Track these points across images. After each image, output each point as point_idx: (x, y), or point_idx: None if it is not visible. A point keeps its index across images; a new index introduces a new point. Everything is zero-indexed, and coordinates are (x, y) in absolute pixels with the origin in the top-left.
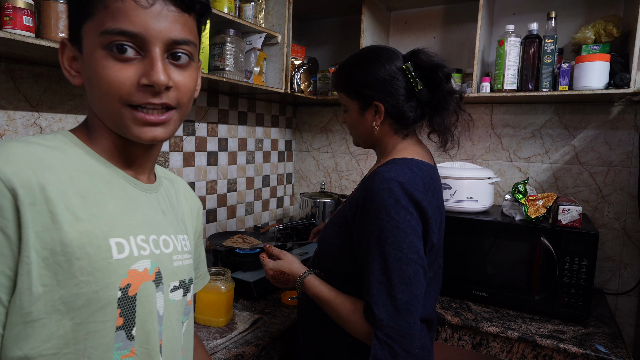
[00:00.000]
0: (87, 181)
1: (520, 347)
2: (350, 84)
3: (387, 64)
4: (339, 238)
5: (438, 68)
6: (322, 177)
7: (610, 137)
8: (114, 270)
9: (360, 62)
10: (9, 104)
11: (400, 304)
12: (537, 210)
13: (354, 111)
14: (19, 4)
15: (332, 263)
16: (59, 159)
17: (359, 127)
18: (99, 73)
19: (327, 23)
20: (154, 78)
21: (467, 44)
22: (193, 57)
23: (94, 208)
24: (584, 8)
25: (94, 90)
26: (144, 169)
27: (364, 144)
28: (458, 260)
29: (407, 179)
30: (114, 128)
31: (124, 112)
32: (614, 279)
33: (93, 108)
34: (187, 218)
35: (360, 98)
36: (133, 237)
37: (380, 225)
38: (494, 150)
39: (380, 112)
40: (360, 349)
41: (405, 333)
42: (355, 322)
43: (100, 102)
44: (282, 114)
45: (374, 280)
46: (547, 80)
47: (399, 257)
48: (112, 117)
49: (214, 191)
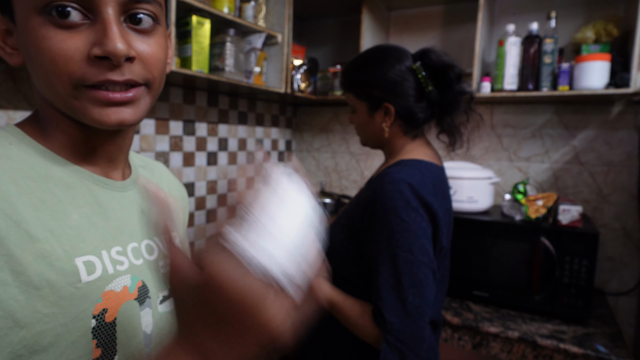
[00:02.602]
0: (41, 189)
1: (520, 347)
2: (359, 85)
3: (396, 64)
4: (345, 239)
5: (449, 68)
6: (322, 177)
7: (610, 137)
8: (84, 297)
9: (368, 62)
10: (9, 104)
11: (411, 307)
12: (537, 210)
13: (362, 112)
14: None
15: (338, 265)
16: (1, 165)
17: (367, 129)
18: (37, 46)
19: (327, 23)
20: (108, 47)
21: (467, 44)
22: (159, 19)
23: (52, 222)
24: (584, 8)
25: (36, 69)
26: (114, 163)
27: (372, 145)
28: (458, 260)
29: (416, 181)
30: (70, 114)
31: (79, 93)
32: (614, 279)
33: (41, 92)
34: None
35: (369, 99)
36: (106, 251)
37: (390, 227)
38: (494, 150)
39: (390, 113)
40: (367, 350)
41: (416, 337)
42: (364, 326)
43: (46, 83)
44: (282, 114)
45: (383, 283)
46: (547, 80)
47: (410, 260)
48: (65, 101)
49: (214, 191)
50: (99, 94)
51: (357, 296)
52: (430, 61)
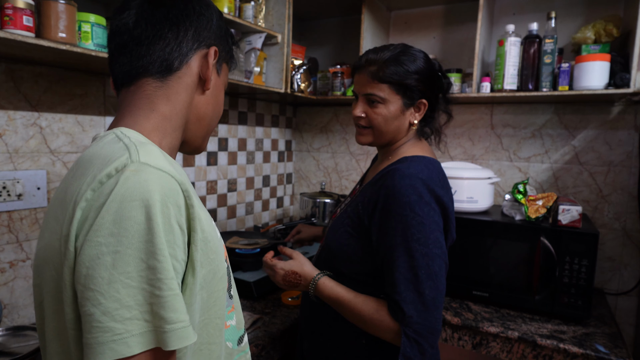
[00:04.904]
0: None
1: (520, 347)
2: (402, 77)
3: (431, 64)
4: (352, 239)
5: (445, 77)
6: (322, 177)
7: (610, 137)
8: (221, 247)
9: (411, 57)
10: (9, 104)
11: (428, 299)
12: (537, 210)
13: (394, 106)
14: (19, 4)
15: (345, 264)
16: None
17: (392, 123)
18: (220, 101)
19: (327, 23)
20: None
21: (467, 44)
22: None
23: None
24: (584, 8)
25: (212, 113)
26: None
27: (383, 140)
28: (458, 260)
29: (426, 176)
30: (196, 144)
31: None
32: (614, 279)
33: (202, 117)
34: None
35: (408, 93)
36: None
37: (405, 221)
38: (494, 150)
39: (422, 110)
40: (375, 350)
41: (433, 329)
42: (380, 321)
43: (212, 119)
44: (282, 114)
45: (400, 277)
46: (547, 80)
47: (425, 253)
48: (203, 139)
49: (214, 191)
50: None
51: (367, 294)
52: (439, 68)
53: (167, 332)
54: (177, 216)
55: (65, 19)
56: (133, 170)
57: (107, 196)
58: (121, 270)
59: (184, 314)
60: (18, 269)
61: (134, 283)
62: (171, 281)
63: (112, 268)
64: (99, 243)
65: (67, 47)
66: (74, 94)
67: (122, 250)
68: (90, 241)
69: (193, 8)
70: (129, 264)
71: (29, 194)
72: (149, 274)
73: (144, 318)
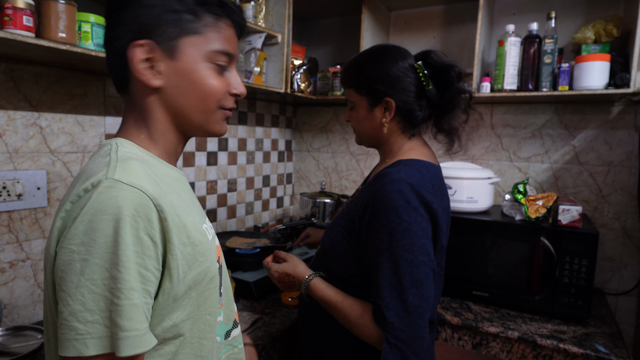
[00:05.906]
0: (168, 183)
1: (520, 347)
2: (361, 79)
3: (399, 60)
4: (344, 240)
5: (450, 68)
6: (322, 177)
7: (610, 137)
8: (212, 249)
9: (371, 58)
10: (9, 104)
11: (411, 307)
12: (537, 210)
13: (362, 107)
14: (19, 4)
15: (337, 265)
16: (155, 170)
17: (365, 125)
18: (198, 80)
19: (327, 23)
20: (240, 90)
21: (467, 44)
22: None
23: (184, 205)
24: (584, 8)
25: (190, 95)
26: (177, 160)
27: (368, 143)
28: (458, 260)
29: (416, 181)
30: (203, 124)
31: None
32: (614, 279)
33: (181, 110)
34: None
35: (371, 94)
36: (205, 223)
37: (391, 227)
38: (494, 150)
39: (390, 108)
40: (362, 350)
41: (416, 336)
42: (364, 326)
43: (197, 104)
44: (282, 114)
45: (384, 283)
46: (547, 80)
47: (410, 260)
48: (207, 115)
49: (214, 191)
50: (226, 113)
51: (355, 295)
52: (432, 61)
53: (120, 339)
54: (148, 229)
55: (65, 19)
56: (106, 187)
57: (81, 209)
58: (87, 277)
59: (140, 322)
60: (18, 269)
61: (97, 290)
62: (129, 291)
63: (80, 274)
64: (72, 250)
65: (67, 47)
66: (74, 94)
67: (90, 259)
68: (64, 248)
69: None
70: (94, 272)
71: (29, 194)
72: (111, 282)
73: (104, 323)
